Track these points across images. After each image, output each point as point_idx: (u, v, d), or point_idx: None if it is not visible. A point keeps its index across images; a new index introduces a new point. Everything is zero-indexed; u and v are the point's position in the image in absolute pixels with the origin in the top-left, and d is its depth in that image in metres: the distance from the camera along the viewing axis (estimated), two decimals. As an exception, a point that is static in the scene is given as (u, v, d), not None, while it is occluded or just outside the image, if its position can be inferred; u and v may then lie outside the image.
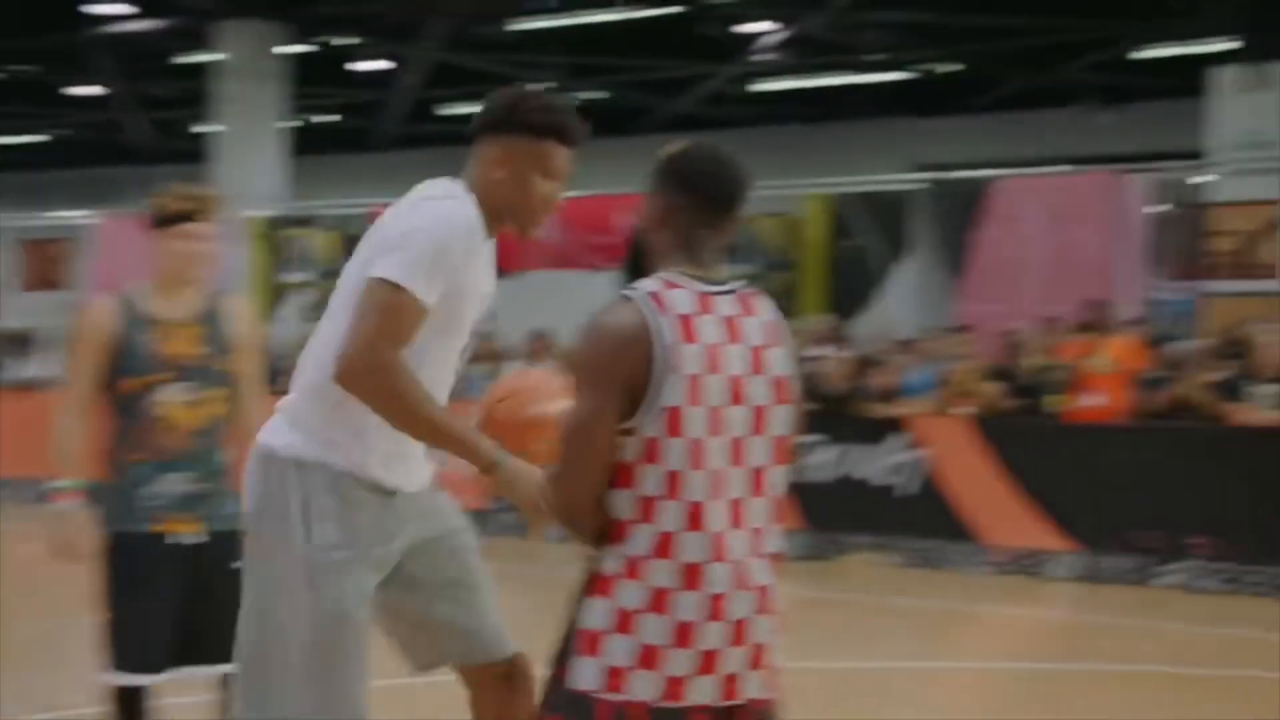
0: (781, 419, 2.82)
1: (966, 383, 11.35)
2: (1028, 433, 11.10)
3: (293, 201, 18.34)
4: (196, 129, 22.53)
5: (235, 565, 3.42)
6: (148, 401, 4.29)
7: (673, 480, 2.70)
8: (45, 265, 17.38)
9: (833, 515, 11.30)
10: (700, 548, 2.69)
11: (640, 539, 2.71)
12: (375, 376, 3.00)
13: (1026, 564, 10.84)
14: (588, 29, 19.32)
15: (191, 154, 24.48)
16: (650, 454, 2.70)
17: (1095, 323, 11.26)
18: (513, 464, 3.06)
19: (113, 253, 15.96)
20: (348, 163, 25.56)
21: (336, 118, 25.50)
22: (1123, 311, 12.27)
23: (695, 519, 2.69)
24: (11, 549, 10.67)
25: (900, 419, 11.39)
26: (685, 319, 2.72)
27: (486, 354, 12.78)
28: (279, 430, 3.26)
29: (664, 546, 2.69)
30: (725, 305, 2.79)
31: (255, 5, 18.04)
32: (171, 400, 4.29)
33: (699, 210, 2.81)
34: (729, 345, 2.76)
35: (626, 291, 2.76)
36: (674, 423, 2.69)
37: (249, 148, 18.09)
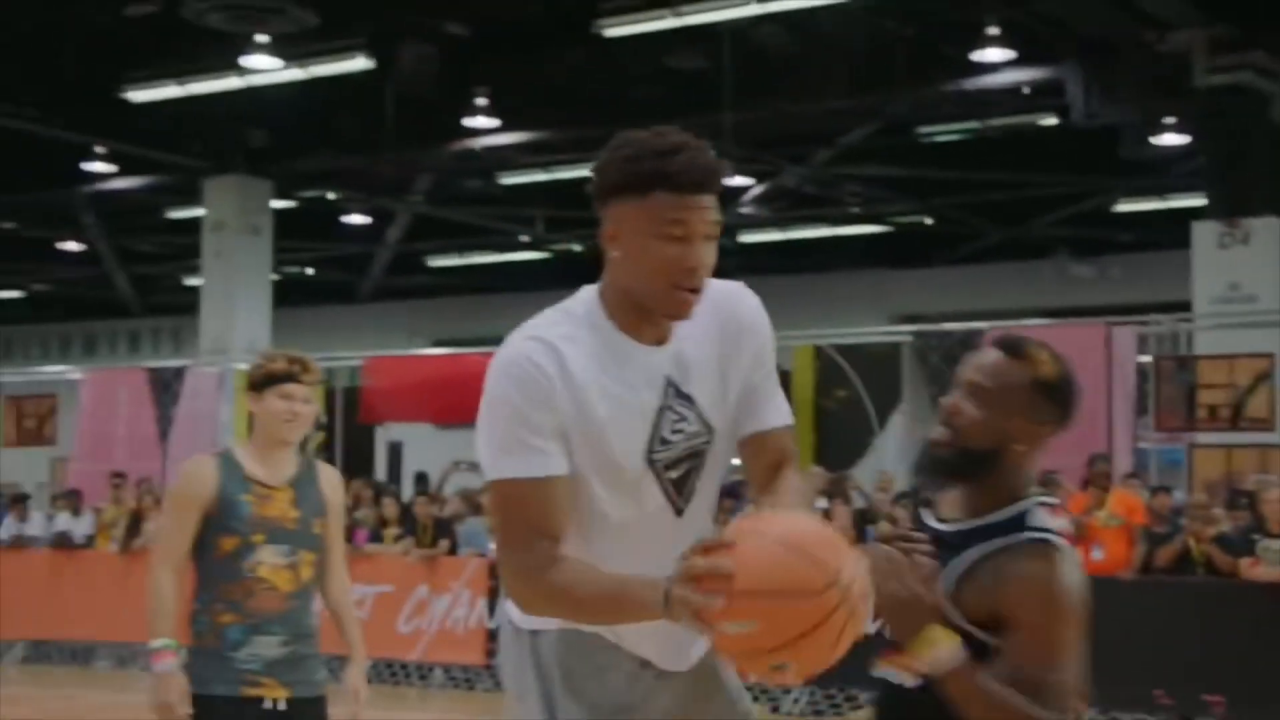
0: None
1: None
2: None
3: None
4: (186, 282, 22.67)
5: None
6: (245, 563, 4.23)
7: None
8: (28, 421, 17.03)
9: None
10: None
11: None
12: (532, 590, 2.57)
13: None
14: (568, 183, 19.59)
15: (175, 307, 24.57)
16: None
17: (1097, 476, 11.30)
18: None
19: (97, 407, 15.66)
20: (330, 314, 25.60)
21: (311, 271, 25.64)
22: (1119, 464, 12.32)
23: None
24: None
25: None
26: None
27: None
28: None
29: None
30: None
31: (240, 161, 18.22)
32: (268, 562, 4.24)
33: (1053, 434, 2.70)
34: None
35: (1052, 540, 2.60)
36: None
37: (235, 300, 18.14)
